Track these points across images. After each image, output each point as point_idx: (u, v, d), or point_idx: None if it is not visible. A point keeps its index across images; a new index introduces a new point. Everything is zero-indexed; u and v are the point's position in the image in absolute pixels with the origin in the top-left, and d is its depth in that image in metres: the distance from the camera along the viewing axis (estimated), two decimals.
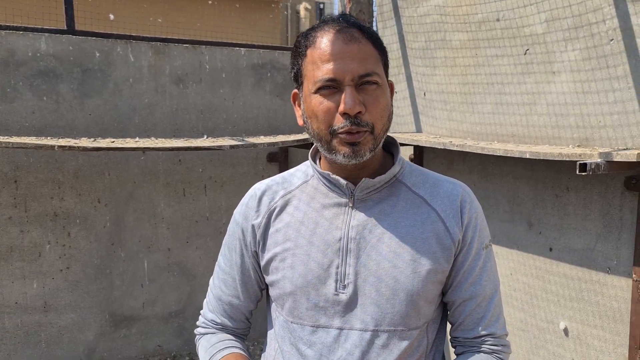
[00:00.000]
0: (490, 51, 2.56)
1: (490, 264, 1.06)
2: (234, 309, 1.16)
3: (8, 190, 2.82)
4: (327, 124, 0.96)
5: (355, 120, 0.94)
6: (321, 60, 0.95)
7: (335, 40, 0.95)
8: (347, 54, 0.94)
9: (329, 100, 0.95)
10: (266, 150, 3.42)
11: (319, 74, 0.95)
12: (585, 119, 2.13)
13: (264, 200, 1.10)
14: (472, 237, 1.03)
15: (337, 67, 0.94)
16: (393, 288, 0.99)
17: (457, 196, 1.05)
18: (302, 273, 1.02)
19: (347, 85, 0.94)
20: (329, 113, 0.95)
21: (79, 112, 2.93)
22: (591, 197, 2.13)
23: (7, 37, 2.74)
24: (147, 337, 3.22)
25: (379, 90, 0.97)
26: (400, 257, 1.00)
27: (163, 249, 3.21)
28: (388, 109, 1.00)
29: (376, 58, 0.99)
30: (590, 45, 2.11)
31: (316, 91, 0.96)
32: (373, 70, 0.96)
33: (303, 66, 1.00)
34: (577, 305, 2.21)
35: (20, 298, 2.88)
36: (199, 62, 3.21)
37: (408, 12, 3.09)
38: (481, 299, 1.03)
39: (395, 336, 0.99)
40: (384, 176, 1.03)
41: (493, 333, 1.04)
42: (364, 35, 0.98)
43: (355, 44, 0.95)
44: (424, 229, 1.01)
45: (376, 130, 0.97)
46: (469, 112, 2.70)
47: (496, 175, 2.57)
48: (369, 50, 0.97)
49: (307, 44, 0.99)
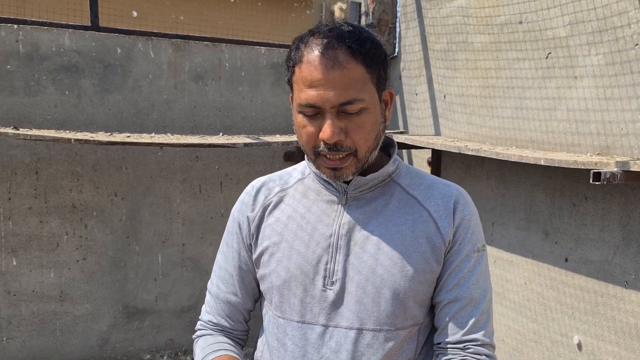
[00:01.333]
0: (511, 54, 2.50)
1: (481, 268, 1.03)
2: (232, 307, 1.15)
3: (29, 181, 2.89)
4: (310, 145, 0.98)
5: (335, 147, 0.95)
6: (304, 84, 0.95)
7: (318, 65, 0.93)
8: (328, 81, 0.92)
9: (311, 123, 0.96)
10: (283, 149, 3.41)
11: (302, 97, 0.95)
12: (607, 126, 2.05)
13: (259, 196, 1.12)
14: (463, 238, 1.01)
15: (317, 95, 0.93)
16: (379, 287, 0.98)
17: (450, 197, 1.04)
18: (291, 267, 1.03)
19: (328, 112, 0.94)
20: (311, 137, 0.97)
21: (99, 106, 2.98)
22: (610, 207, 2.05)
23: (32, 32, 2.81)
24: (158, 330, 3.25)
25: (363, 114, 0.95)
26: (387, 256, 0.99)
27: (177, 244, 3.24)
28: (375, 129, 0.98)
29: (363, 81, 0.95)
30: (614, 49, 2.03)
31: (300, 112, 0.97)
32: (356, 97, 0.93)
33: (292, 79, 1.00)
34: (593, 319, 2.13)
35: (38, 287, 2.95)
36: (218, 59, 3.22)
37: (431, 13, 3.04)
38: (467, 302, 1.00)
39: (380, 336, 0.98)
40: (376, 174, 1.03)
41: (476, 339, 0.99)
42: (351, 57, 0.93)
43: (337, 71, 0.92)
44: (414, 228, 1.01)
45: (359, 153, 0.97)
46: (489, 116, 2.64)
47: (513, 182, 2.50)
48: (353, 74, 0.93)
49: (296, 59, 0.97)
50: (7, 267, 2.88)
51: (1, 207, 2.84)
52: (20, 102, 2.81)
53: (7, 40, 2.76)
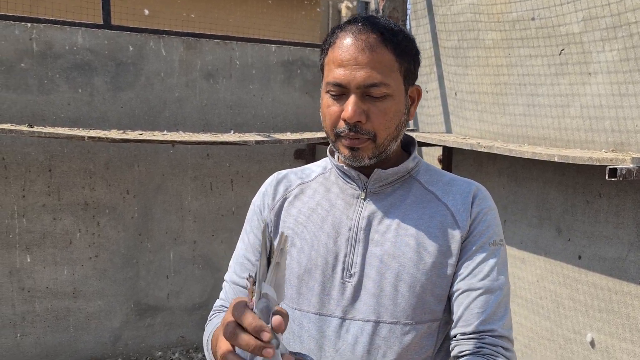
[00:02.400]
0: (523, 51, 2.48)
1: (497, 261, 1.01)
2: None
3: (43, 179, 2.91)
4: (332, 126, 1.00)
5: (355, 127, 0.97)
6: (334, 63, 0.98)
7: (350, 45, 0.97)
8: (356, 61, 0.96)
9: (337, 103, 0.99)
10: (293, 146, 3.42)
11: (330, 77, 0.99)
12: (621, 123, 2.04)
13: (280, 187, 1.14)
14: (479, 229, 1.02)
15: (344, 74, 0.96)
16: (396, 280, 0.99)
17: (469, 192, 1.05)
18: (313, 256, 1.04)
19: (353, 93, 0.97)
20: (334, 116, 0.99)
21: (112, 104, 3.00)
22: (624, 204, 2.04)
23: (46, 31, 2.83)
24: (170, 327, 3.27)
25: (387, 100, 0.98)
26: (403, 250, 1.00)
27: (189, 241, 3.26)
28: (396, 118, 1.00)
29: (390, 67, 0.98)
30: (628, 45, 2.02)
31: (327, 91, 1.00)
32: (382, 81, 0.96)
33: (324, 62, 1.04)
34: (606, 316, 2.12)
35: (51, 283, 2.98)
36: (229, 57, 3.23)
37: (442, 10, 3.03)
38: (481, 292, 0.98)
39: (397, 329, 0.98)
40: (397, 169, 1.04)
41: (493, 330, 0.97)
42: (383, 42, 0.97)
43: (368, 53, 0.96)
44: (432, 222, 1.02)
45: (378, 139, 0.99)
46: (500, 113, 2.63)
47: (526, 179, 2.49)
48: (383, 59, 0.97)
49: (330, 42, 1.02)
50: (22, 263, 2.91)
51: (15, 205, 2.87)
52: (34, 100, 2.84)
53: (21, 38, 2.79)
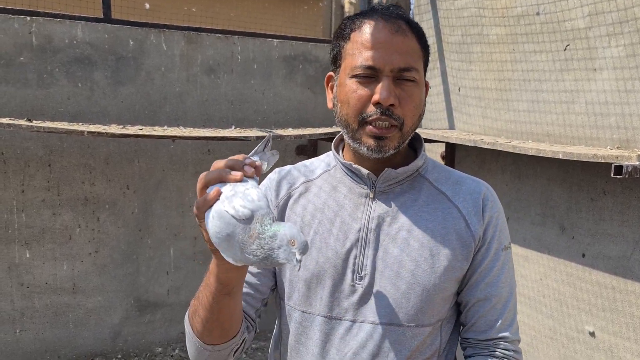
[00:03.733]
0: (528, 46, 2.45)
1: (509, 266, 1.03)
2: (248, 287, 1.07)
3: (42, 174, 2.89)
4: (357, 111, 0.95)
5: (387, 111, 0.94)
6: (364, 47, 0.95)
7: (382, 28, 0.95)
8: (391, 44, 0.94)
9: (364, 87, 0.95)
10: (295, 142, 3.39)
11: (359, 60, 0.95)
12: (627, 119, 2.01)
13: (283, 183, 1.09)
14: (492, 235, 1.01)
15: (378, 56, 0.94)
16: (410, 283, 0.97)
17: (479, 194, 1.03)
18: (320, 260, 1.00)
19: (385, 76, 0.94)
20: (361, 100, 0.95)
21: (112, 99, 2.97)
22: (629, 202, 2.01)
23: (45, 24, 2.80)
24: (170, 323, 3.26)
25: (415, 87, 0.97)
26: (418, 252, 0.98)
27: (189, 237, 3.24)
28: (421, 107, 1.00)
29: (418, 54, 0.98)
30: (635, 41, 1.99)
31: (353, 76, 0.96)
32: (413, 65, 0.95)
33: (344, 49, 0.99)
34: (610, 315, 2.10)
35: (51, 279, 2.96)
36: (230, 52, 3.21)
37: (445, 5, 3.00)
38: (496, 300, 1.00)
39: (407, 332, 0.97)
40: (407, 168, 1.02)
41: (506, 337, 1.01)
42: (411, 30, 0.97)
43: (400, 36, 0.95)
44: (445, 225, 1.00)
45: (405, 126, 0.97)
46: (504, 109, 2.60)
47: (529, 176, 2.46)
48: (413, 45, 0.97)
49: (353, 27, 0.98)
50: (21, 259, 2.89)
51: (15, 200, 2.85)
52: (34, 94, 2.81)
53: (20, 32, 2.76)
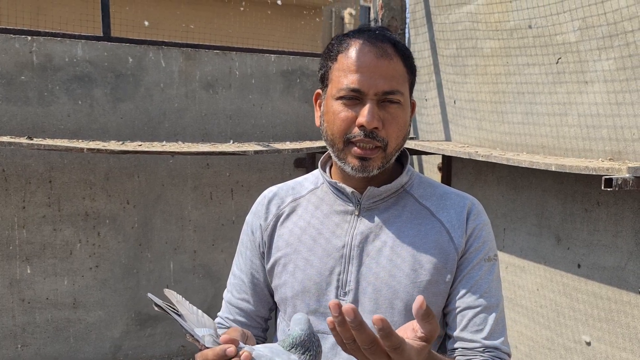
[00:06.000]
0: (521, 59, 2.49)
1: (493, 277, 1.03)
2: (245, 313, 1.16)
3: (43, 190, 2.92)
4: (342, 132, 0.98)
5: (371, 134, 0.96)
6: (349, 69, 0.97)
7: (367, 52, 0.97)
8: (376, 68, 0.96)
9: (349, 109, 0.97)
10: (293, 155, 3.42)
11: (345, 82, 0.97)
12: (619, 132, 2.04)
13: (271, 205, 1.13)
14: (475, 246, 1.02)
15: (363, 79, 0.95)
16: (391, 298, 0.98)
17: (464, 207, 1.04)
18: (302, 279, 1.03)
19: (370, 99, 0.96)
20: (346, 122, 0.97)
21: (112, 115, 3.01)
22: (623, 213, 2.03)
23: (46, 43, 2.85)
24: (171, 337, 3.27)
25: (399, 109, 0.99)
26: (399, 268, 0.99)
27: (189, 251, 3.26)
28: (405, 128, 1.02)
29: (404, 77, 1.00)
30: (625, 54, 2.02)
31: (339, 98, 0.98)
32: (398, 89, 0.97)
33: (331, 70, 1.01)
34: (606, 326, 2.11)
35: (52, 294, 2.98)
36: (228, 68, 3.25)
37: (440, 19, 3.04)
38: (481, 309, 0.99)
39: None
40: (390, 186, 1.04)
41: (495, 347, 0.98)
42: (397, 53, 0.99)
43: (386, 60, 0.97)
44: (427, 240, 1.01)
45: (389, 148, 0.99)
46: (499, 121, 2.63)
47: (524, 188, 2.49)
48: (398, 68, 0.99)
49: (340, 49, 1.00)
50: (22, 275, 2.91)
51: (16, 216, 2.88)
52: (34, 112, 2.85)
53: (22, 51, 2.81)
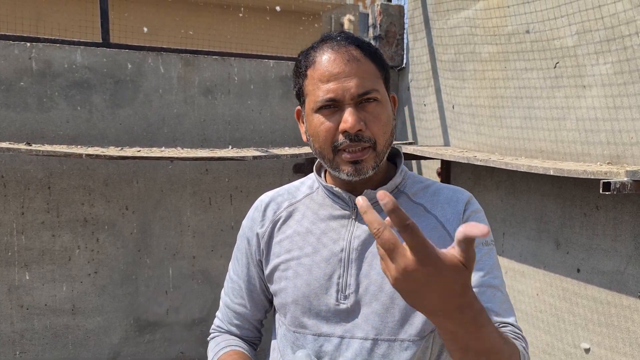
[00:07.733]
0: (519, 64, 2.49)
1: (493, 261, 1.02)
2: (241, 317, 1.19)
3: (42, 196, 2.92)
4: (329, 142, 0.99)
5: (356, 137, 0.97)
6: (321, 81, 0.98)
7: (334, 60, 0.98)
8: (346, 73, 0.97)
9: (330, 119, 0.98)
10: (292, 161, 3.42)
11: (320, 94, 0.98)
12: (617, 135, 2.04)
13: (268, 211, 1.14)
14: None
15: (336, 87, 0.96)
16: (391, 295, 0.99)
17: (457, 201, 1.05)
18: (304, 283, 1.04)
19: (347, 105, 0.97)
20: (330, 132, 0.98)
21: (111, 121, 3.01)
22: (622, 217, 2.03)
23: (45, 50, 2.86)
24: (170, 343, 3.26)
25: (379, 106, 0.99)
26: None
27: (188, 256, 3.25)
28: (390, 123, 1.02)
29: (375, 75, 1.01)
30: (622, 58, 2.02)
31: (317, 110, 0.99)
32: (372, 87, 0.98)
33: (304, 86, 1.03)
34: (606, 330, 2.10)
35: (50, 300, 2.97)
36: (227, 73, 3.25)
37: (438, 25, 3.05)
38: (485, 287, 0.98)
39: (396, 345, 0.98)
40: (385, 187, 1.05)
41: (507, 323, 0.96)
42: (363, 54, 1.00)
43: (353, 63, 0.98)
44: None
45: (378, 145, 0.99)
46: (497, 126, 2.63)
47: (523, 192, 2.48)
48: (368, 68, 0.99)
49: (307, 63, 1.02)
50: (20, 281, 2.91)
51: (14, 222, 2.88)
52: (33, 118, 2.86)
53: (21, 57, 2.82)
